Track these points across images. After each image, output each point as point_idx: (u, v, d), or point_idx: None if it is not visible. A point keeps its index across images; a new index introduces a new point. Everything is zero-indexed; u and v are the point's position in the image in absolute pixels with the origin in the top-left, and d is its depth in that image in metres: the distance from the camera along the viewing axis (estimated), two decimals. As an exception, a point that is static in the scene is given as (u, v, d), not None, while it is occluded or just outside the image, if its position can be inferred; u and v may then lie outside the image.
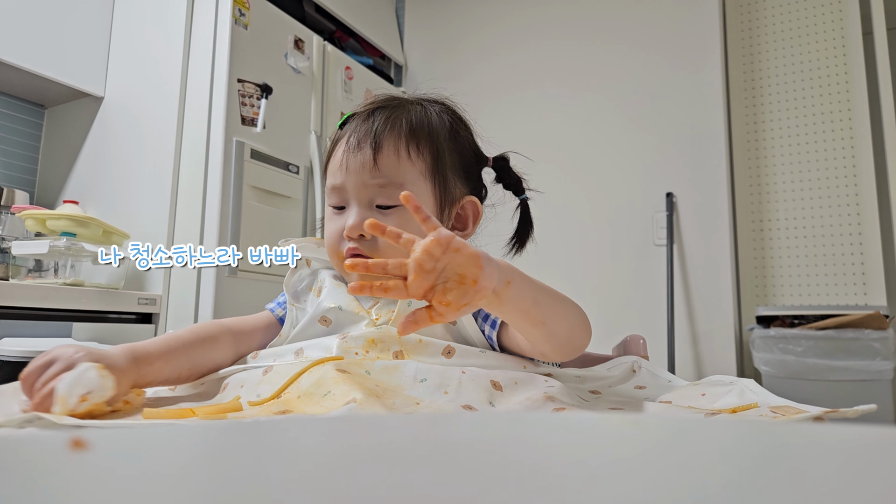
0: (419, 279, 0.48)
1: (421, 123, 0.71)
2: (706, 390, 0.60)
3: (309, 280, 0.76)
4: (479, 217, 0.76)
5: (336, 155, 0.71)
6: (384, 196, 0.68)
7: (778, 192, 2.13)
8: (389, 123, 0.70)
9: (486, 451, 0.18)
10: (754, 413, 0.50)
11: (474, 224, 0.75)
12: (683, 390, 0.61)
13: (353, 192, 0.69)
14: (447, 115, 0.75)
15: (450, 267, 0.48)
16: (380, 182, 0.68)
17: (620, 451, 0.19)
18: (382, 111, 0.71)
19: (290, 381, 0.55)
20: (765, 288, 2.11)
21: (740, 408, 0.51)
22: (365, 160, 0.68)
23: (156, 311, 1.67)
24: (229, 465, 0.16)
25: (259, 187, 1.78)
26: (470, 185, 0.76)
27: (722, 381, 0.61)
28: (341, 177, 0.70)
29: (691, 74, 2.19)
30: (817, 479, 0.17)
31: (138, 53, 1.91)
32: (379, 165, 0.68)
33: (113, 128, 1.91)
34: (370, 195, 0.68)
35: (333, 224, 0.71)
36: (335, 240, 0.70)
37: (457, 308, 0.48)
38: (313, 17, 2.20)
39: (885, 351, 1.63)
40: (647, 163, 2.22)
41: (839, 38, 2.10)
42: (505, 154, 0.80)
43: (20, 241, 1.57)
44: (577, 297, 0.61)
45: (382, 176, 0.68)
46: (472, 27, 2.66)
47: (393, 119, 0.70)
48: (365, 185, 0.68)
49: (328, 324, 0.69)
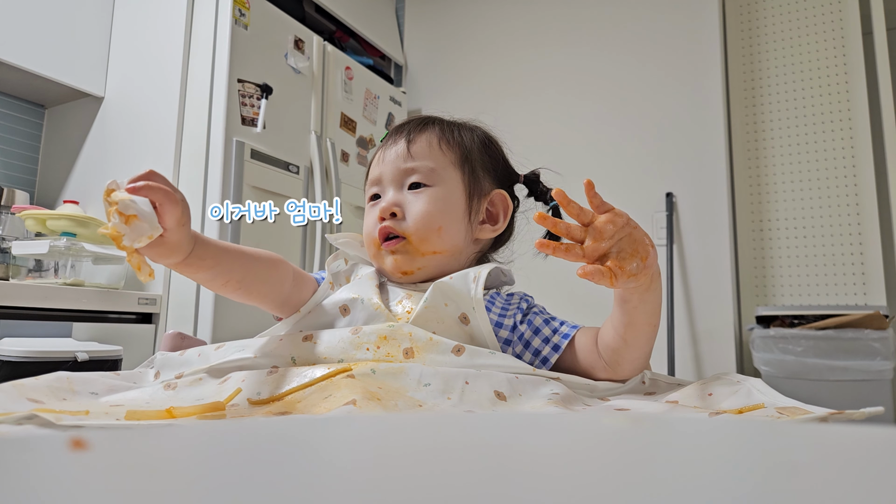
0: (596, 244, 0.54)
1: (451, 129, 0.77)
2: (713, 389, 0.59)
3: (348, 269, 0.78)
4: (510, 211, 0.78)
5: (375, 160, 0.78)
6: (416, 177, 0.73)
7: (778, 192, 2.13)
8: (423, 124, 0.77)
9: (483, 451, 0.18)
10: (760, 413, 0.49)
11: (505, 218, 0.78)
12: (690, 389, 0.61)
13: (388, 178, 0.74)
14: (478, 131, 0.80)
15: (626, 240, 0.54)
16: (412, 165, 0.73)
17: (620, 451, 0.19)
18: (416, 120, 0.79)
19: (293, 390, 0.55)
20: (765, 288, 2.11)
21: (746, 408, 0.51)
22: (399, 150, 0.74)
23: (156, 311, 1.67)
24: (229, 465, 0.16)
25: (259, 187, 1.78)
26: (499, 186, 0.79)
27: (729, 381, 0.61)
28: (378, 169, 0.75)
29: (691, 75, 2.19)
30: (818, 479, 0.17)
31: (138, 53, 1.91)
32: (412, 152, 0.73)
33: (113, 128, 1.91)
34: (403, 178, 0.73)
35: (370, 216, 0.75)
36: (371, 227, 0.74)
37: (629, 275, 0.54)
38: (313, 17, 2.20)
39: (885, 351, 1.63)
40: (647, 163, 2.22)
41: (839, 38, 2.10)
42: (536, 171, 0.84)
43: (20, 241, 1.57)
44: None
45: (415, 160, 0.73)
46: (472, 27, 2.66)
47: (426, 122, 0.77)
48: (399, 169, 0.73)
49: (346, 313, 0.69)
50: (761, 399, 0.53)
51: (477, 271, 0.68)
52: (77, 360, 1.33)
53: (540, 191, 0.82)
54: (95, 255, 1.60)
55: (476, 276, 0.67)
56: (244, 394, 0.55)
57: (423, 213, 0.71)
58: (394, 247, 0.71)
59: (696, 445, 0.20)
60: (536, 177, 0.83)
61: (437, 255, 0.72)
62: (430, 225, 0.71)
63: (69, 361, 1.32)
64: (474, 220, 0.75)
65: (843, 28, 2.10)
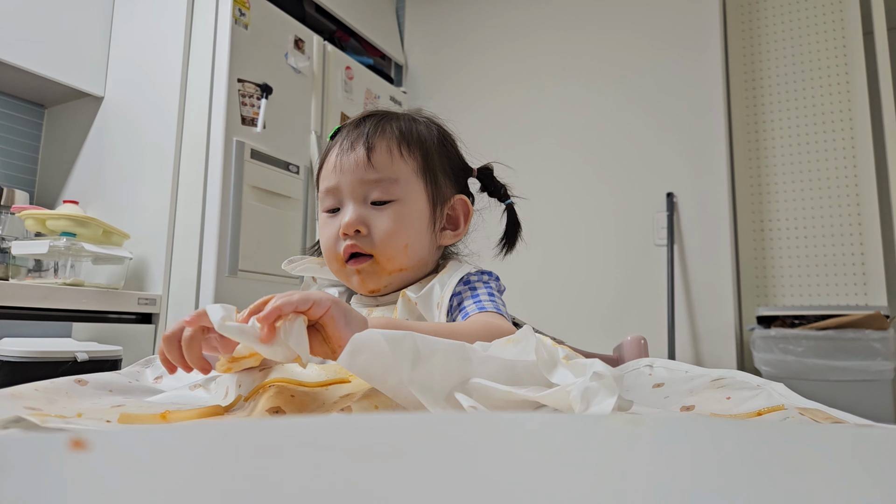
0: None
1: (409, 129, 0.73)
2: (731, 393, 0.58)
3: None
4: (471, 216, 0.77)
5: (329, 160, 0.73)
6: (379, 191, 0.69)
7: (778, 192, 2.13)
8: (380, 127, 0.72)
9: (481, 451, 0.18)
10: (780, 415, 0.49)
11: (465, 223, 0.77)
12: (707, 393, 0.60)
13: (347, 190, 0.70)
14: (434, 125, 0.77)
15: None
16: (375, 177, 0.69)
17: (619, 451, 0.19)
18: (371, 119, 0.74)
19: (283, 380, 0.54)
20: (765, 288, 2.11)
21: (765, 410, 0.50)
22: (359, 159, 0.69)
23: (156, 311, 1.67)
24: (230, 465, 0.16)
25: (259, 187, 1.78)
26: (458, 188, 0.78)
27: (748, 384, 0.59)
28: (335, 178, 0.71)
29: (692, 74, 2.19)
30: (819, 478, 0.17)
31: (138, 53, 1.91)
32: (373, 162, 0.69)
33: (113, 128, 1.91)
34: (365, 191, 0.69)
35: (329, 229, 0.72)
36: (332, 243, 0.71)
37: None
38: (313, 17, 2.20)
39: (885, 351, 1.62)
40: (647, 163, 2.22)
41: (839, 38, 2.10)
42: (489, 164, 0.82)
43: (20, 241, 1.57)
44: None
45: (377, 172, 0.69)
46: (472, 27, 2.66)
47: (383, 124, 0.72)
48: (360, 181, 0.69)
49: None
50: (781, 401, 0.52)
51: (440, 296, 0.68)
52: (77, 360, 1.33)
53: (493, 186, 0.81)
54: (95, 255, 1.60)
55: (439, 301, 0.67)
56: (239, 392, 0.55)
57: (389, 232, 0.69)
58: (360, 265, 0.69)
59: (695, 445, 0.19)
60: (490, 171, 0.81)
61: (402, 271, 0.71)
62: (397, 244, 0.69)
63: (69, 361, 1.32)
64: (437, 228, 0.74)
65: (844, 28, 2.10)
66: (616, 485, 0.16)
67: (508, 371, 0.48)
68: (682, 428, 0.22)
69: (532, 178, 2.33)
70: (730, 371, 0.63)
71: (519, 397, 0.45)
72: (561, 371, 0.48)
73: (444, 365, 0.46)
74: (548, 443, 0.19)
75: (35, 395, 0.53)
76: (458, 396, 0.45)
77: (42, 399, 0.53)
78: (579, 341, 0.99)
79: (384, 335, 0.43)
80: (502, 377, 0.48)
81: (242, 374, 0.56)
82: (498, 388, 0.46)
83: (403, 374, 0.43)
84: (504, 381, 0.47)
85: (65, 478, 0.15)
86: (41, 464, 0.15)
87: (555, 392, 0.45)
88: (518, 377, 0.49)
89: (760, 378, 0.59)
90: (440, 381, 0.46)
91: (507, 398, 0.46)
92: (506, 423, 0.22)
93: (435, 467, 0.16)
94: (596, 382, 0.43)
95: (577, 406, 0.42)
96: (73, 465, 0.15)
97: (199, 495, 0.14)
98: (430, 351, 0.46)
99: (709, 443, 0.19)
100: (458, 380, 0.47)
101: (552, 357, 0.49)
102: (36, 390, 0.55)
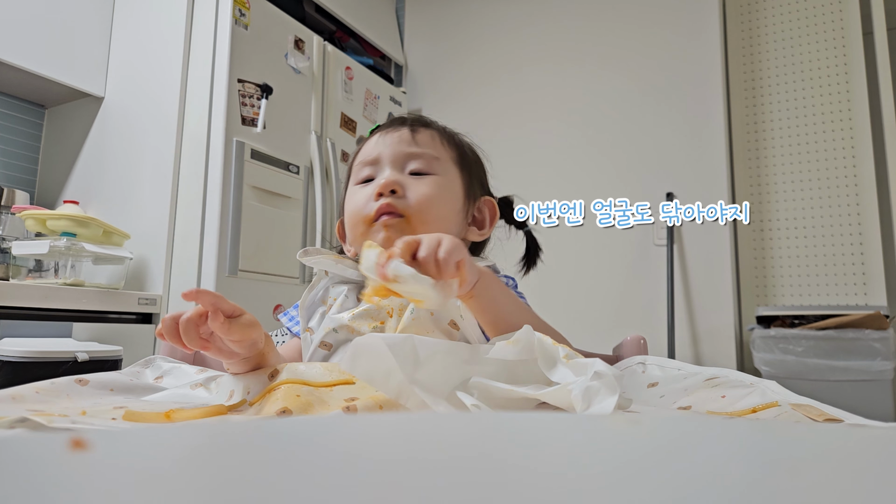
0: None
1: (450, 131, 0.77)
2: (726, 392, 0.58)
3: (323, 294, 0.74)
4: (496, 218, 0.78)
5: (369, 142, 0.74)
6: (420, 163, 0.70)
7: (778, 192, 2.13)
8: (423, 121, 0.75)
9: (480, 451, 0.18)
10: (775, 411, 0.49)
11: (491, 224, 0.77)
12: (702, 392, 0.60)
13: (388, 158, 0.70)
14: (470, 143, 0.80)
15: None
16: (417, 151, 0.70)
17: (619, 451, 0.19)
18: (415, 117, 0.76)
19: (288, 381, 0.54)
20: (765, 288, 2.11)
21: (760, 407, 0.51)
22: (403, 135, 0.71)
23: (156, 311, 1.67)
24: (230, 465, 0.16)
25: (259, 187, 1.78)
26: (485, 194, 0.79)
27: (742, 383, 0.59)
28: (376, 149, 0.71)
29: (692, 74, 2.19)
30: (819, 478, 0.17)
31: (138, 53, 1.91)
32: (416, 140, 0.71)
33: (113, 128, 1.91)
34: (405, 161, 0.70)
35: (360, 194, 0.70)
36: (362, 204, 0.69)
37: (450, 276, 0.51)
38: (313, 17, 2.20)
39: (885, 351, 1.62)
40: (647, 163, 2.22)
41: (839, 38, 2.10)
42: (509, 197, 0.84)
43: (20, 242, 1.57)
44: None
45: (420, 147, 0.70)
46: (472, 27, 2.66)
47: (424, 120, 0.76)
48: (402, 152, 0.70)
49: (329, 348, 0.66)
50: (774, 398, 0.52)
51: None
52: (77, 360, 1.33)
53: (512, 217, 0.83)
54: (95, 255, 1.60)
55: None
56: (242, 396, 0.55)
57: (426, 196, 0.68)
58: (391, 221, 0.67)
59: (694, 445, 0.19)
60: (509, 203, 0.83)
61: None
62: (432, 209, 0.68)
63: (69, 361, 1.32)
64: (467, 220, 0.74)
65: (844, 28, 2.10)
66: (615, 484, 0.16)
67: (509, 370, 0.48)
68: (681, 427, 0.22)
69: (532, 179, 2.33)
70: (723, 370, 0.63)
71: (520, 395, 0.45)
72: (561, 370, 0.48)
73: (445, 365, 0.46)
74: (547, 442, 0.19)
75: (36, 398, 0.53)
76: (461, 395, 0.45)
77: (43, 402, 0.53)
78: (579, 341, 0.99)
79: (384, 339, 0.43)
80: (503, 376, 0.48)
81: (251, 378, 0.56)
82: (499, 386, 0.46)
83: (405, 375, 0.43)
84: (504, 380, 0.47)
85: (65, 478, 0.15)
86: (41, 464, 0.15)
87: (556, 390, 0.45)
88: (518, 376, 0.49)
89: (754, 377, 0.60)
90: (442, 381, 0.46)
91: (509, 396, 0.46)
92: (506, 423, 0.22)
93: (437, 467, 0.16)
94: (597, 382, 0.43)
95: (579, 405, 0.42)
96: (73, 465, 0.15)
97: (200, 495, 0.14)
98: (430, 353, 0.46)
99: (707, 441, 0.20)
100: (460, 379, 0.47)
101: (552, 356, 0.50)
102: (37, 392, 0.55)
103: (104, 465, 0.16)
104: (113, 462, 0.16)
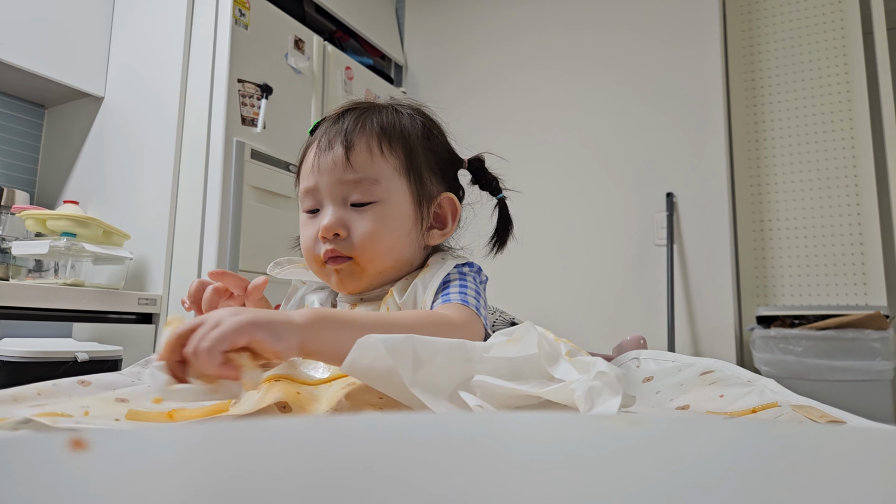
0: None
1: (392, 123, 0.70)
2: (723, 391, 0.58)
3: (298, 303, 0.74)
4: (458, 214, 0.74)
5: (307, 159, 0.70)
6: (359, 192, 0.66)
7: (778, 192, 2.13)
8: (360, 122, 0.69)
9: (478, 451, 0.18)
10: (774, 412, 0.49)
11: (453, 221, 0.74)
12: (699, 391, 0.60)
13: (326, 191, 0.67)
14: (419, 116, 0.74)
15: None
16: (354, 178, 0.66)
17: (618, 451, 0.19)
18: (352, 113, 0.70)
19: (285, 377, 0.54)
20: (765, 288, 2.11)
21: (759, 407, 0.50)
22: (337, 158, 0.67)
23: (156, 311, 1.67)
24: (230, 465, 0.16)
25: (259, 187, 1.78)
26: (446, 185, 0.74)
27: (739, 380, 0.59)
28: (314, 178, 0.68)
29: (691, 74, 2.19)
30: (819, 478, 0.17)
31: (138, 53, 1.91)
32: (352, 162, 0.66)
33: (113, 128, 1.91)
34: (344, 193, 0.67)
35: (309, 230, 0.69)
36: (311, 244, 0.68)
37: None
38: (313, 17, 2.20)
39: (885, 351, 1.62)
40: (647, 163, 2.22)
41: (839, 38, 2.10)
42: (480, 155, 0.78)
43: (20, 242, 1.57)
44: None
45: (356, 172, 0.66)
46: (472, 27, 2.66)
47: (363, 119, 0.69)
48: (339, 182, 0.66)
49: None
50: (774, 398, 0.52)
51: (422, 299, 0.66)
52: (77, 361, 1.33)
53: (485, 179, 0.78)
54: (95, 255, 1.60)
55: (422, 305, 0.65)
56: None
57: (369, 234, 0.66)
58: (339, 266, 0.67)
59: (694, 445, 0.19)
60: (481, 162, 0.78)
61: (384, 273, 0.69)
62: (377, 246, 0.66)
63: (69, 362, 1.32)
64: (423, 228, 0.71)
65: (844, 28, 2.10)
66: (615, 485, 0.16)
67: (510, 366, 0.48)
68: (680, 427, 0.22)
69: (532, 179, 2.33)
70: (718, 362, 0.62)
71: (523, 393, 0.45)
72: (563, 366, 0.48)
73: (446, 365, 0.46)
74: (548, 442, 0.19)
75: (37, 399, 0.53)
76: (463, 395, 0.45)
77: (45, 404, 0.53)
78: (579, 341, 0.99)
79: (384, 340, 0.43)
80: (504, 372, 0.48)
81: None
82: (501, 384, 0.46)
83: (405, 377, 0.43)
84: (506, 377, 0.47)
85: (64, 478, 0.15)
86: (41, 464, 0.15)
87: (559, 389, 0.45)
88: (520, 371, 0.49)
89: (750, 372, 0.59)
90: (443, 381, 0.46)
91: (511, 394, 0.46)
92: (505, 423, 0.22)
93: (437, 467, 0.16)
94: (599, 381, 0.43)
95: (582, 406, 0.42)
96: (73, 465, 0.15)
97: (200, 495, 0.14)
98: (431, 353, 0.46)
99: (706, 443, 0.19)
100: (461, 378, 0.47)
101: (554, 351, 0.49)
102: (39, 394, 0.55)
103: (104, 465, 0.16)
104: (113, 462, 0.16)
